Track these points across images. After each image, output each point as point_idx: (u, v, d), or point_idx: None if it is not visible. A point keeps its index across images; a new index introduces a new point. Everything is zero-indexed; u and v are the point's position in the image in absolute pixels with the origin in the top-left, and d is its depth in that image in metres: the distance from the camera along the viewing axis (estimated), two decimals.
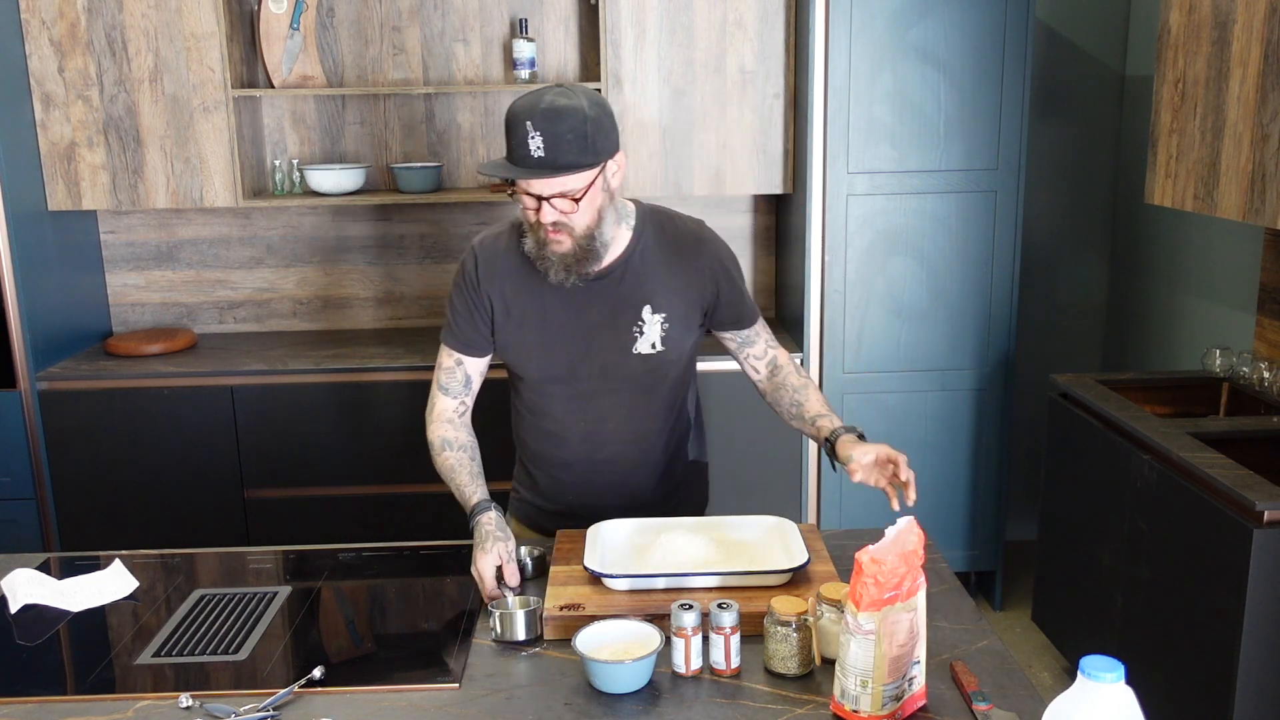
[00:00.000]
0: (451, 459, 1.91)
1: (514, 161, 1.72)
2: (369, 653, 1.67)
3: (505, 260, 1.89)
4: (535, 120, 1.68)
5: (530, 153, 1.69)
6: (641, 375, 1.89)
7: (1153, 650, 2.57)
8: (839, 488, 3.39)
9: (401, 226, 3.65)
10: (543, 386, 1.93)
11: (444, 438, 1.92)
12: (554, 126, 1.68)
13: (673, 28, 3.25)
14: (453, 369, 1.94)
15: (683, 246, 1.90)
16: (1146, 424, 2.65)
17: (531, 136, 1.68)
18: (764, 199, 3.68)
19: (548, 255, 1.79)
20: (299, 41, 3.34)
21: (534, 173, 1.70)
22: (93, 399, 3.17)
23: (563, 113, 1.68)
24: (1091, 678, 1.09)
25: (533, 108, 1.69)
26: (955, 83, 3.17)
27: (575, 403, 1.91)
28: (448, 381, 1.95)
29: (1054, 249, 3.86)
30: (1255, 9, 2.44)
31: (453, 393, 1.95)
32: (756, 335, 1.99)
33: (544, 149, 1.68)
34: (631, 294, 1.86)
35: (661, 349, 1.88)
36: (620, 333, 1.87)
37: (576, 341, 1.87)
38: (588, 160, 1.72)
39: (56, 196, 3.27)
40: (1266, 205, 2.42)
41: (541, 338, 1.88)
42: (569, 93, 1.72)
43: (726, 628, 1.48)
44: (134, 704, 1.49)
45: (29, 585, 1.80)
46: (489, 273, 1.89)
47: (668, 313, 1.87)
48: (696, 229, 1.93)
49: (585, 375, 1.89)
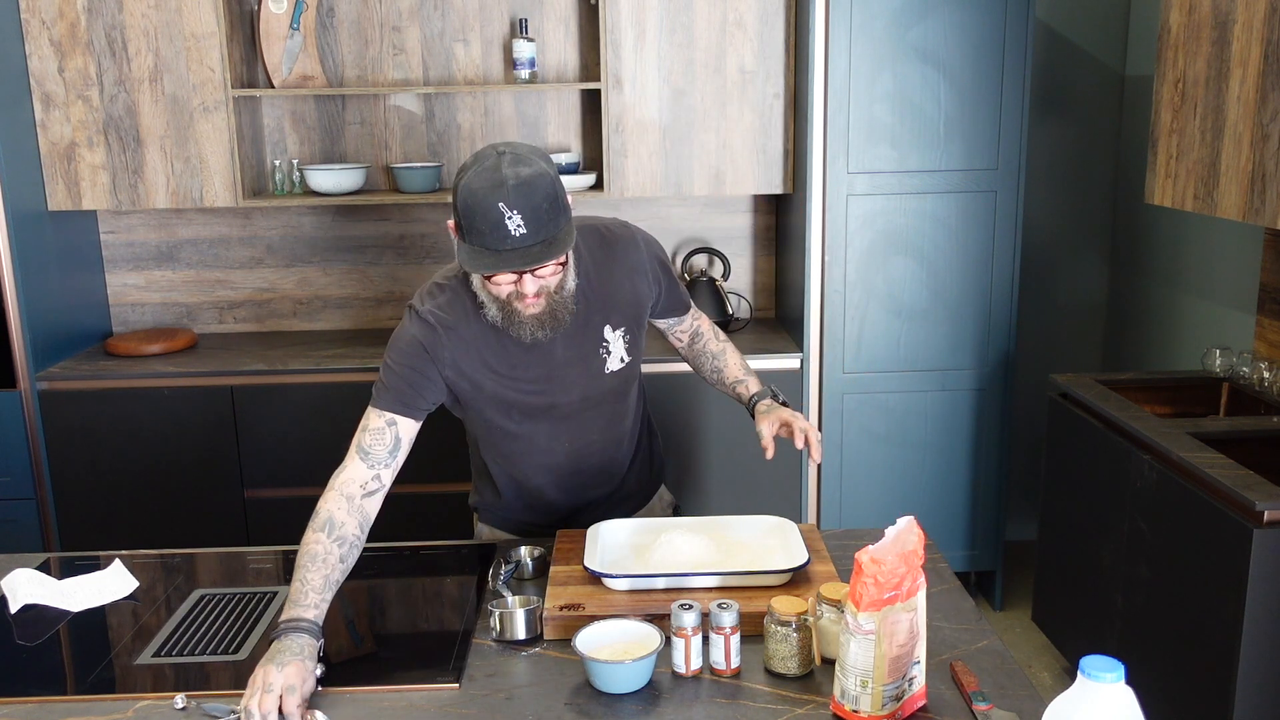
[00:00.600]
0: (320, 548, 1.61)
1: (492, 246, 1.58)
2: (369, 653, 1.67)
3: (464, 330, 1.77)
4: (508, 200, 1.56)
5: (510, 233, 1.57)
6: (617, 387, 1.91)
7: (1153, 650, 2.57)
8: (839, 488, 3.39)
9: (401, 226, 3.65)
10: (522, 427, 1.88)
11: (331, 518, 1.65)
12: (529, 201, 1.57)
13: (673, 28, 3.25)
14: (381, 430, 1.74)
15: (616, 254, 1.85)
16: (1146, 424, 2.65)
17: (509, 217, 1.56)
18: (764, 199, 3.68)
19: (520, 319, 1.70)
20: (299, 41, 3.34)
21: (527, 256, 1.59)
22: (93, 399, 3.17)
23: (531, 184, 1.57)
24: (1091, 678, 1.09)
25: (499, 186, 1.56)
26: (955, 83, 3.17)
27: (560, 428, 1.89)
28: (371, 445, 1.74)
29: (1054, 249, 3.86)
30: (1255, 9, 2.44)
31: (373, 459, 1.74)
32: (681, 320, 2.06)
33: (525, 226, 1.57)
34: (589, 320, 1.83)
35: (629, 359, 1.89)
36: (590, 360, 1.85)
37: (552, 382, 1.83)
38: (566, 222, 1.63)
39: (56, 196, 3.27)
40: (1266, 205, 2.42)
41: (517, 394, 1.83)
42: (522, 158, 1.60)
43: (726, 628, 1.48)
44: (134, 704, 1.49)
45: (29, 585, 1.80)
46: (441, 337, 1.76)
47: (625, 325, 1.87)
48: (622, 231, 1.89)
49: (565, 406, 1.87)
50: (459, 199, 1.61)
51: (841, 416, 3.34)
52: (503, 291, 1.68)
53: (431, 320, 1.77)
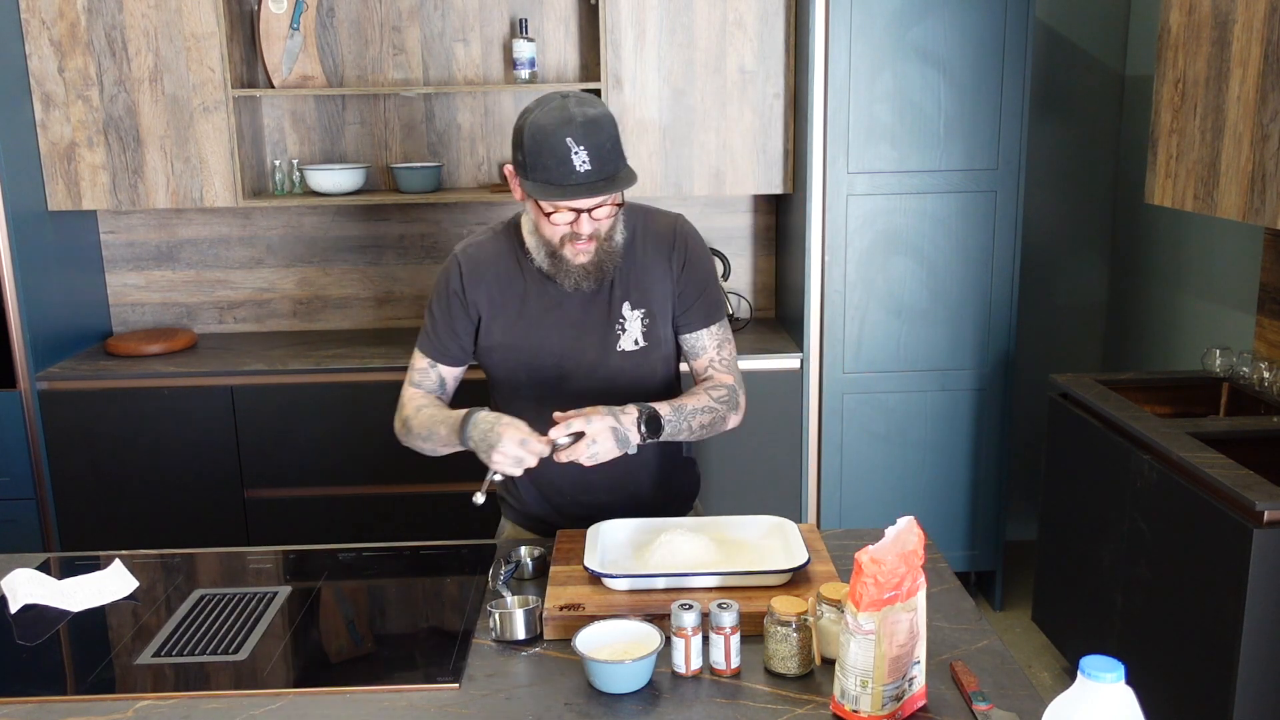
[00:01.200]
0: (427, 412, 1.86)
1: (557, 180, 1.68)
2: (369, 653, 1.67)
3: (491, 268, 1.88)
4: (575, 135, 1.65)
5: (576, 168, 1.66)
6: (628, 371, 1.89)
7: (1153, 650, 2.57)
8: (839, 488, 3.39)
9: (401, 226, 3.65)
10: (531, 390, 1.91)
11: (417, 405, 1.90)
12: (595, 139, 1.67)
13: (673, 28, 3.25)
14: (426, 370, 1.93)
15: (659, 241, 1.88)
16: (1146, 424, 2.65)
17: (575, 152, 1.65)
18: (764, 199, 3.68)
19: (568, 267, 1.77)
20: (299, 41, 3.35)
21: (593, 189, 1.67)
22: (93, 399, 3.17)
23: (598, 123, 1.67)
24: (1091, 678, 1.09)
25: (567, 122, 1.66)
26: (955, 83, 3.17)
27: (566, 404, 1.90)
28: (420, 380, 1.94)
29: (1054, 249, 3.86)
30: (1255, 9, 2.44)
31: (426, 388, 1.94)
32: (702, 349, 1.91)
33: (590, 163, 1.66)
34: (612, 293, 1.86)
35: (644, 344, 1.88)
36: (604, 331, 1.87)
37: (563, 343, 1.87)
38: (626, 164, 1.72)
39: (56, 196, 3.27)
40: (1266, 205, 2.42)
41: (528, 342, 1.87)
42: (586, 100, 1.71)
43: (726, 628, 1.48)
44: (134, 704, 1.49)
45: (29, 585, 1.80)
46: (474, 281, 1.88)
47: (647, 308, 1.87)
48: (672, 223, 1.91)
49: (573, 375, 1.88)
50: (525, 136, 1.69)
51: (841, 416, 3.34)
52: (558, 233, 1.75)
53: (464, 259, 1.88)
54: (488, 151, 3.59)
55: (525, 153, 1.70)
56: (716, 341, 1.92)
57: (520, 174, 1.74)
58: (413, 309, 3.71)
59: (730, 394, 1.88)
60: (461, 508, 3.28)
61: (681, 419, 1.80)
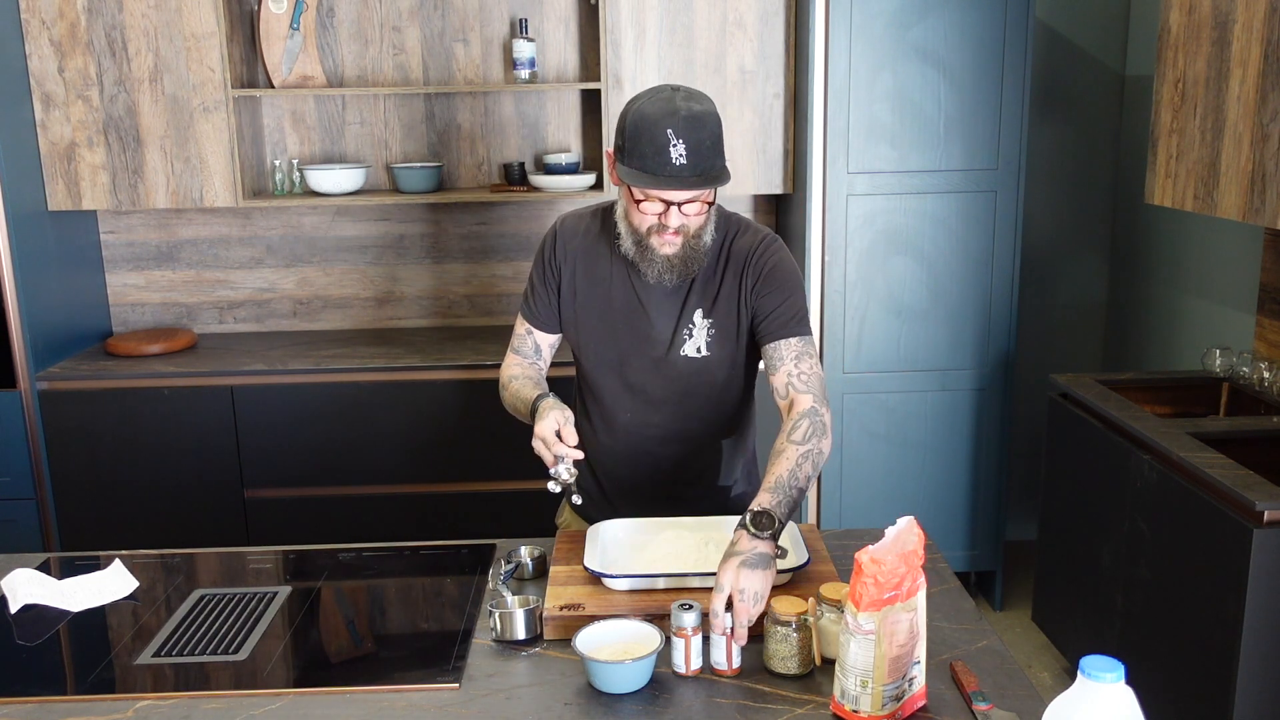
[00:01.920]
0: (517, 384, 1.91)
1: (652, 170, 1.69)
2: (369, 653, 1.67)
3: (582, 241, 1.92)
4: (676, 128, 1.67)
5: (672, 160, 1.67)
6: (688, 375, 1.89)
7: (1153, 650, 2.57)
8: (839, 488, 3.39)
9: (401, 226, 3.65)
10: (597, 370, 1.95)
11: (512, 374, 1.95)
12: (695, 134, 1.68)
13: (673, 28, 3.25)
14: (524, 336, 1.99)
15: (740, 255, 1.86)
16: (1146, 424, 2.65)
17: (674, 145, 1.67)
18: (764, 199, 3.68)
19: (653, 257, 1.79)
20: (299, 41, 3.34)
21: (685, 183, 1.69)
22: (93, 399, 3.17)
23: (701, 119, 1.69)
24: (1091, 678, 1.09)
25: (671, 114, 1.68)
26: (955, 83, 3.17)
27: (625, 392, 1.93)
28: (519, 346, 2.00)
29: (1054, 249, 3.86)
30: (1255, 9, 2.44)
31: (523, 355, 1.99)
32: (780, 361, 1.82)
33: (686, 157, 1.68)
34: (687, 297, 1.87)
35: (706, 354, 1.88)
36: (672, 332, 1.88)
37: (632, 333, 1.89)
38: (723, 165, 1.73)
39: (56, 196, 3.27)
40: (1266, 205, 2.42)
41: (601, 323, 1.91)
42: (695, 95, 1.73)
43: (728, 628, 1.48)
44: (134, 704, 1.49)
45: (29, 585, 1.80)
46: (565, 250, 1.92)
47: (714, 319, 1.87)
48: (760, 239, 1.87)
49: (636, 367, 1.90)
50: (628, 121, 1.72)
51: (841, 416, 3.34)
52: (646, 222, 1.76)
53: (561, 229, 1.94)
54: (488, 151, 3.59)
55: (625, 138, 1.72)
56: (795, 354, 1.82)
57: (618, 158, 1.76)
58: (414, 309, 3.72)
59: (811, 422, 1.75)
60: (466, 508, 3.29)
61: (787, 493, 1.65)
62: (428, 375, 3.20)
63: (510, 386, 1.93)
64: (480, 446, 3.22)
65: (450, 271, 3.69)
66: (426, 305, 3.72)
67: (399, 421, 3.22)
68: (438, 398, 3.21)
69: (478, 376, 3.20)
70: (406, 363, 3.22)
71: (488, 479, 3.25)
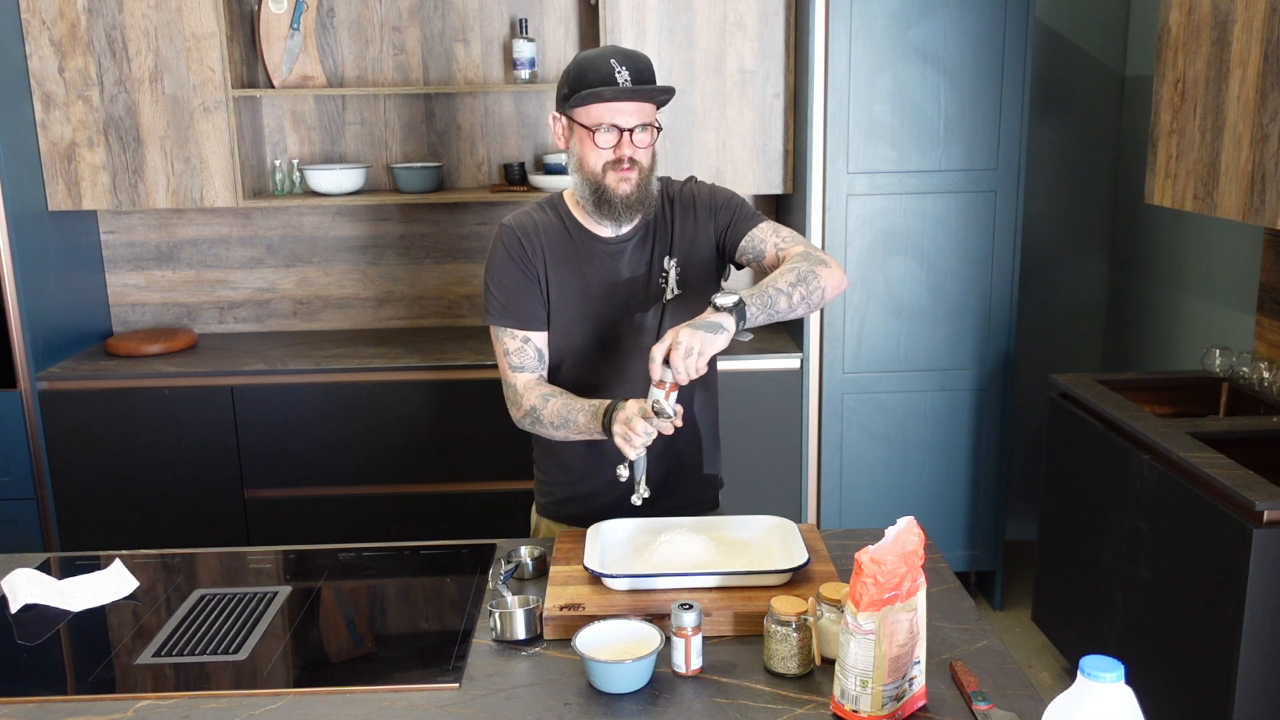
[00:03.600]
0: (559, 401, 1.85)
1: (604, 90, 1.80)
2: (369, 653, 1.67)
3: (543, 233, 1.94)
4: (618, 58, 1.80)
5: (619, 83, 1.79)
6: (670, 322, 1.90)
7: (1153, 650, 2.57)
8: (839, 488, 3.39)
9: (401, 226, 3.65)
10: (584, 355, 1.95)
11: (542, 394, 1.88)
12: (635, 63, 1.82)
13: (673, 28, 3.25)
14: (521, 348, 1.92)
15: (684, 197, 1.98)
16: (1146, 424, 2.65)
17: (618, 71, 1.79)
18: (764, 199, 3.68)
19: (611, 199, 1.85)
20: (299, 41, 3.35)
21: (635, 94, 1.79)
22: (93, 399, 3.17)
23: (638, 55, 1.84)
24: (1091, 678, 1.09)
25: (613, 52, 1.82)
26: (955, 83, 3.17)
27: (612, 372, 1.95)
28: (520, 360, 1.92)
29: (1054, 249, 3.86)
30: (1255, 9, 2.44)
31: (528, 369, 1.92)
32: (762, 242, 1.93)
33: (631, 80, 1.80)
34: (653, 247, 1.95)
35: (679, 291, 1.95)
36: (649, 284, 1.94)
37: (614, 300, 1.93)
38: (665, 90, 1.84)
39: (56, 196, 3.27)
40: (1266, 205, 2.42)
41: (584, 304, 1.93)
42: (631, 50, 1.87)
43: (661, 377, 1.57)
44: (134, 704, 1.49)
45: (29, 585, 1.80)
46: (532, 244, 1.93)
47: (680, 257, 1.95)
48: (690, 183, 2.02)
49: (625, 332, 1.94)
50: (571, 68, 1.83)
51: (841, 416, 3.34)
52: (602, 158, 1.83)
53: (516, 227, 1.94)
54: (488, 151, 3.59)
55: (570, 81, 1.82)
56: (770, 230, 1.94)
57: (566, 106, 1.84)
58: (413, 309, 3.72)
59: (803, 256, 1.84)
60: (468, 506, 3.29)
61: (762, 290, 1.74)
62: (428, 375, 3.20)
63: (549, 406, 1.85)
64: (480, 446, 3.22)
65: (450, 271, 3.69)
66: (426, 305, 3.72)
67: (399, 421, 3.22)
68: (438, 398, 3.21)
69: (478, 376, 3.20)
70: (406, 363, 3.22)
71: (488, 479, 3.25)
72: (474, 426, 3.20)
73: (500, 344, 1.93)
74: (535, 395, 1.89)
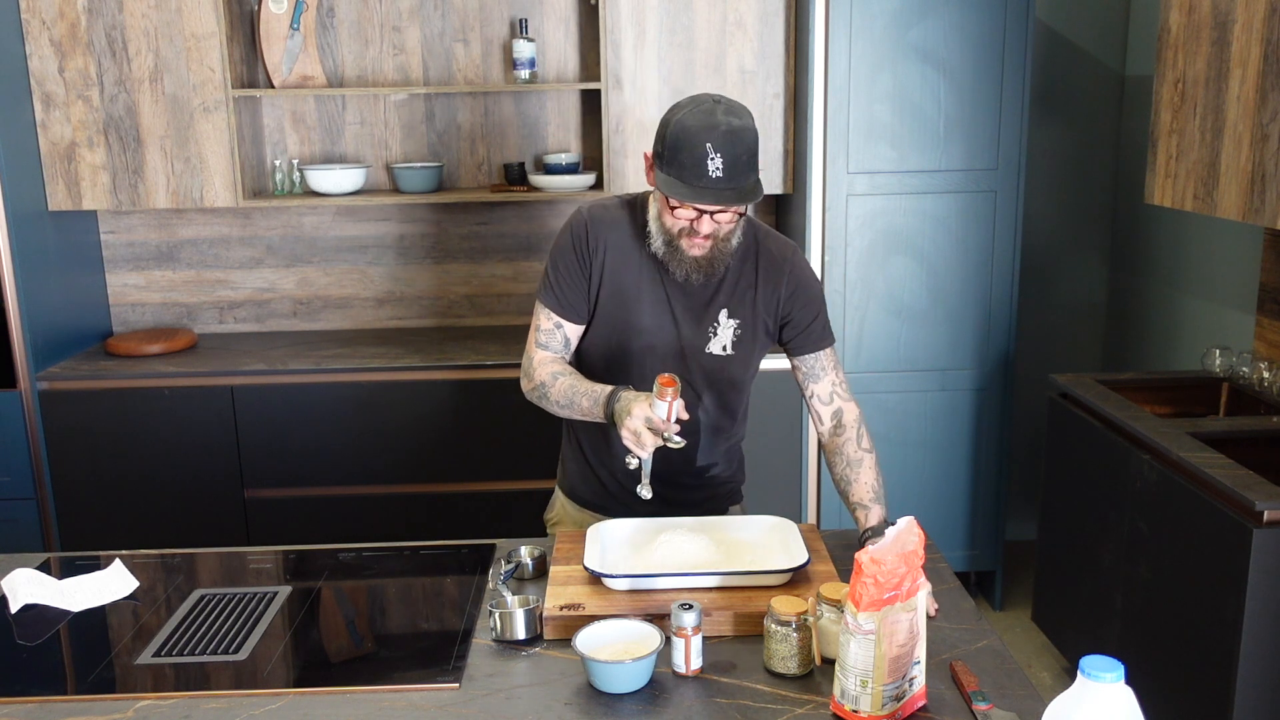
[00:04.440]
0: (567, 380, 1.86)
1: (689, 180, 1.73)
2: (369, 653, 1.67)
3: (613, 232, 1.91)
4: (715, 142, 1.71)
5: (709, 172, 1.72)
6: (709, 372, 1.94)
7: (1153, 650, 2.57)
8: None
9: (402, 226, 3.65)
10: (618, 360, 1.95)
11: (553, 371, 1.89)
12: (733, 149, 1.72)
13: (673, 28, 3.25)
14: (552, 331, 1.93)
15: (772, 264, 1.94)
16: (1146, 424, 2.65)
17: (711, 158, 1.71)
18: (764, 199, 3.68)
19: (682, 257, 1.83)
20: (299, 41, 3.34)
21: (720, 196, 1.73)
22: (93, 399, 3.17)
23: (740, 134, 1.74)
24: (1091, 678, 1.09)
25: (712, 128, 1.72)
26: (955, 83, 3.17)
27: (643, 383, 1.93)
28: (547, 340, 1.93)
29: (1054, 249, 3.86)
30: (1255, 9, 2.44)
31: (552, 350, 1.93)
32: (823, 370, 1.97)
33: (723, 170, 1.72)
34: (715, 296, 1.91)
35: (731, 353, 1.93)
36: (699, 329, 1.92)
37: (659, 326, 1.91)
38: (757, 179, 1.79)
39: (56, 196, 3.27)
40: (1266, 205, 2.42)
41: (628, 316, 1.91)
42: (735, 110, 1.76)
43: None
44: (134, 704, 1.49)
45: (29, 585, 1.80)
46: (598, 239, 1.90)
47: (741, 320, 1.92)
48: (788, 250, 1.97)
49: (660, 360, 1.92)
50: (670, 131, 1.75)
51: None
52: (678, 225, 1.80)
53: (589, 218, 1.92)
54: (488, 151, 3.59)
55: (665, 146, 1.76)
56: (833, 364, 1.98)
57: (656, 164, 1.79)
58: (414, 309, 3.72)
59: (867, 428, 1.97)
60: (470, 506, 3.29)
61: (882, 498, 1.89)
62: (428, 375, 3.20)
63: (558, 384, 1.86)
64: (480, 446, 3.22)
65: (450, 271, 3.69)
66: (426, 305, 3.72)
67: (399, 421, 3.22)
68: (438, 398, 3.21)
69: (478, 376, 3.20)
70: (406, 363, 3.22)
71: (488, 479, 3.25)
72: (474, 426, 3.20)
73: (536, 318, 1.95)
74: (547, 371, 1.90)
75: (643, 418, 1.67)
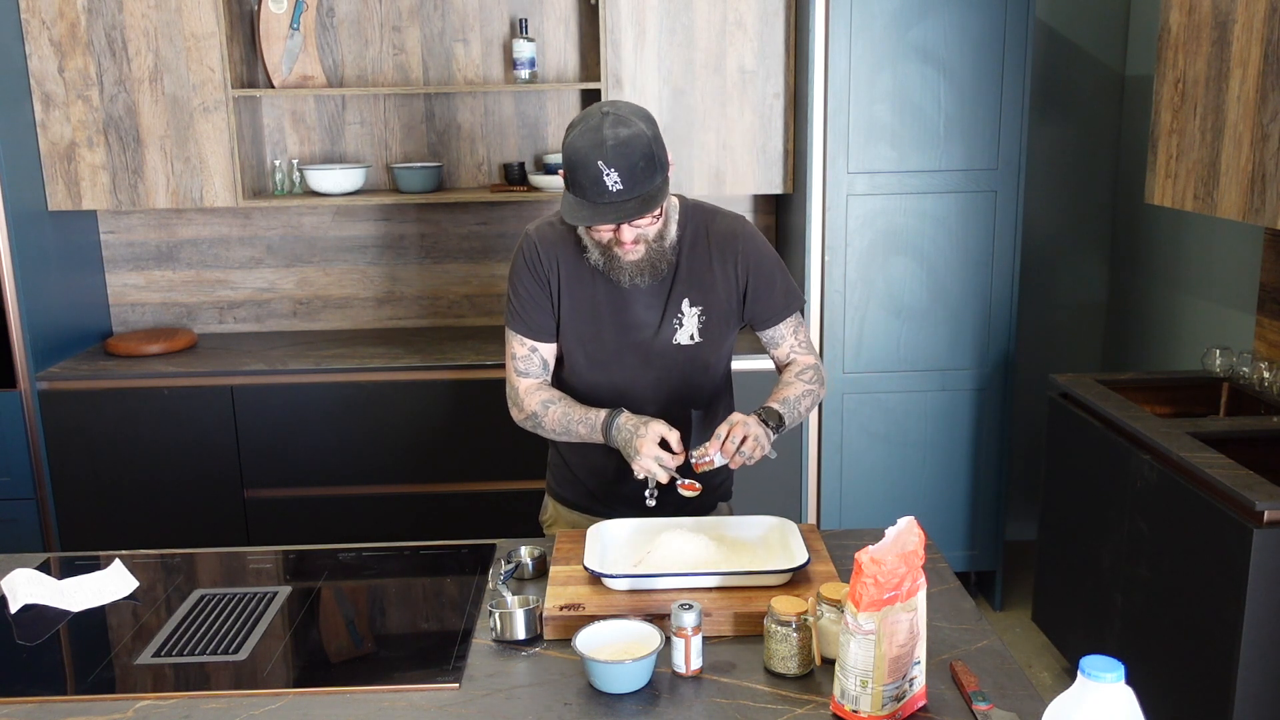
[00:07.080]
0: (559, 409, 1.90)
1: (591, 198, 1.73)
2: (369, 653, 1.67)
3: (562, 248, 1.93)
4: (606, 158, 1.70)
5: (608, 188, 1.71)
6: (682, 363, 1.95)
7: (1153, 650, 2.57)
8: (839, 488, 3.39)
9: (401, 226, 3.65)
10: (588, 371, 1.96)
11: (543, 400, 1.92)
12: (626, 160, 1.71)
13: (673, 28, 3.25)
14: (529, 355, 1.96)
15: (722, 243, 1.94)
16: (1146, 424, 2.65)
17: (607, 174, 1.71)
18: (764, 199, 3.68)
19: (620, 264, 1.84)
20: (299, 41, 3.34)
21: (623, 209, 1.73)
22: (93, 399, 3.17)
23: (629, 144, 1.71)
24: (1091, 678, 1.09)
25: (599, 145, 1.71)
26: (955, 83, 3.17)
27: (613, 390, 1.96)
28: (526, 367, 1.96)
29: (1054, 249, 3.86)
30: (1255, 9, 2.44)
31: (533, 375, 1.96)
32: (782, 338, 2.00)
33: (622, 183, 1.71)
34: (674, 288, 1.92)
35: (699, 340, 1.95)
36: (663, 324, 1.93)
37: (623, 331, 1.93)
38: (661, 179, 1.77)
39: (56, 196, 3.27)
40: (1266, 205, 2.42)
41: (592, 327, 1.93)
42: (623, 119, 1.73)
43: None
44: (134, 704, 1.49)
45: (29, 585, 1.80)
46: (549, 257, 1.93)
47: (704, 306, 1.93)
48: (736, 225, 1.97)
49: (630, 363, 1.94)
50: (565, 155, 1.76)
51: (841, 416, 3.34)
52: (603, 237, 1.83)
53: (537, 237, 1.95)
54: (488, 151, 3.59)
55: (566, 168, 1.77)
56: (793, 328, 2.00)
57: (565, 186, 1.80)
58: (413, 309, 3.72)
59: (815, 371, 1.99)
60: (471, 506, 3.29)
61: (791, 409, 1.90)
62: (428, 375, 3.20)
63: (550, 414, 1.90)
64: (480, 446, 3.22)
65: (450, 271, 3.69)
66: (426, 305, 3.72)
67: (399, 421, 3.22)
68: (438, 398, 3.21)
69: (478, 376, 3.20)
70: (406, 363, 3.22)
71: (487, 479, 3.25)
72: (474, 426, 3.20)
73: (510, 346, 1.97)
74: (536, 401, 1.92)
75: (652, 457, 1.74)
